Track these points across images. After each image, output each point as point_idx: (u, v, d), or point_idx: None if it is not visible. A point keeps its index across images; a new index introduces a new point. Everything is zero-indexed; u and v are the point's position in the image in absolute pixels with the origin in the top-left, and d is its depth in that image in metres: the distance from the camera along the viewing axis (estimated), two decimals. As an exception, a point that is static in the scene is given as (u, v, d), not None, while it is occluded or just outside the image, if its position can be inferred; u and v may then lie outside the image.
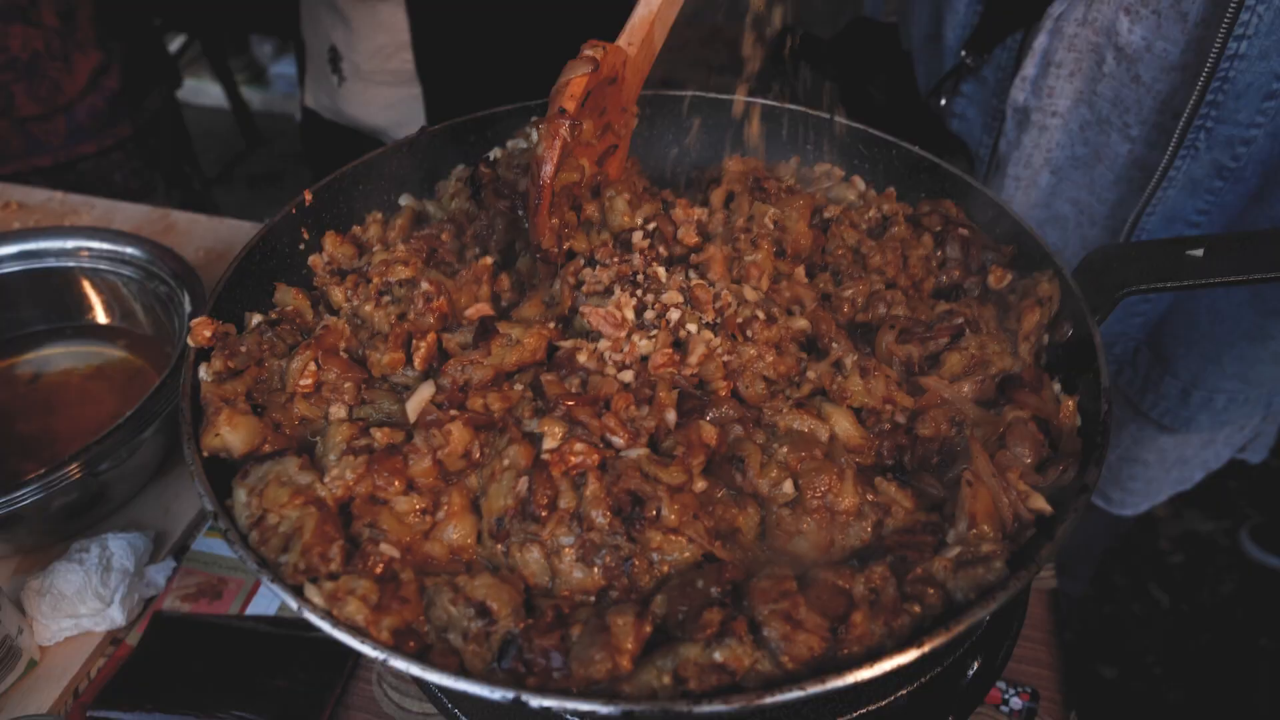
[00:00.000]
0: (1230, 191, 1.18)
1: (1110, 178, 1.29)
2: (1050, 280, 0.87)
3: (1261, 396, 1.42)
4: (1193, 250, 0.81)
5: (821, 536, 0.67)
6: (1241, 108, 1.10)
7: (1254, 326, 1.31)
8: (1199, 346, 1.37)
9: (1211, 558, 3.20)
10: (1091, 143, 1.29)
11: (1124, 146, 1.25)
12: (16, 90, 1.93)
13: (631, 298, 0.79)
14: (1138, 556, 3.21)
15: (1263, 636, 2.92)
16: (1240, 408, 1.42)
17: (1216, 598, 3.08)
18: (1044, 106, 1.31)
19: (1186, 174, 1.18)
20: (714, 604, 0.59)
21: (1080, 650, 2.91)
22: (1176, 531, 3.33)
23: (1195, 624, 2.98)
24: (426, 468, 0.68)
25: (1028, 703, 1.07)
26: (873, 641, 0.58)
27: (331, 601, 0.59)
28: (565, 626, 0.59)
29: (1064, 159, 1.33)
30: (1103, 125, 1.26)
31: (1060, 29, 1.24)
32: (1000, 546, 0.64)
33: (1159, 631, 2.97)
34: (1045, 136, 1.32)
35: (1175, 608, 3.06)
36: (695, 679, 0.56)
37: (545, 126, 0.79)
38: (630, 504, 0.64)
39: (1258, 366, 1.36)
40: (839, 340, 0.80)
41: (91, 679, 1.11)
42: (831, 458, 0.70)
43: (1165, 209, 1.22)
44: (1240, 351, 1.35)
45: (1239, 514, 3.29)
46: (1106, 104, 1.24)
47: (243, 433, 0.71)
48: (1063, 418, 0.75)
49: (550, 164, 0.78)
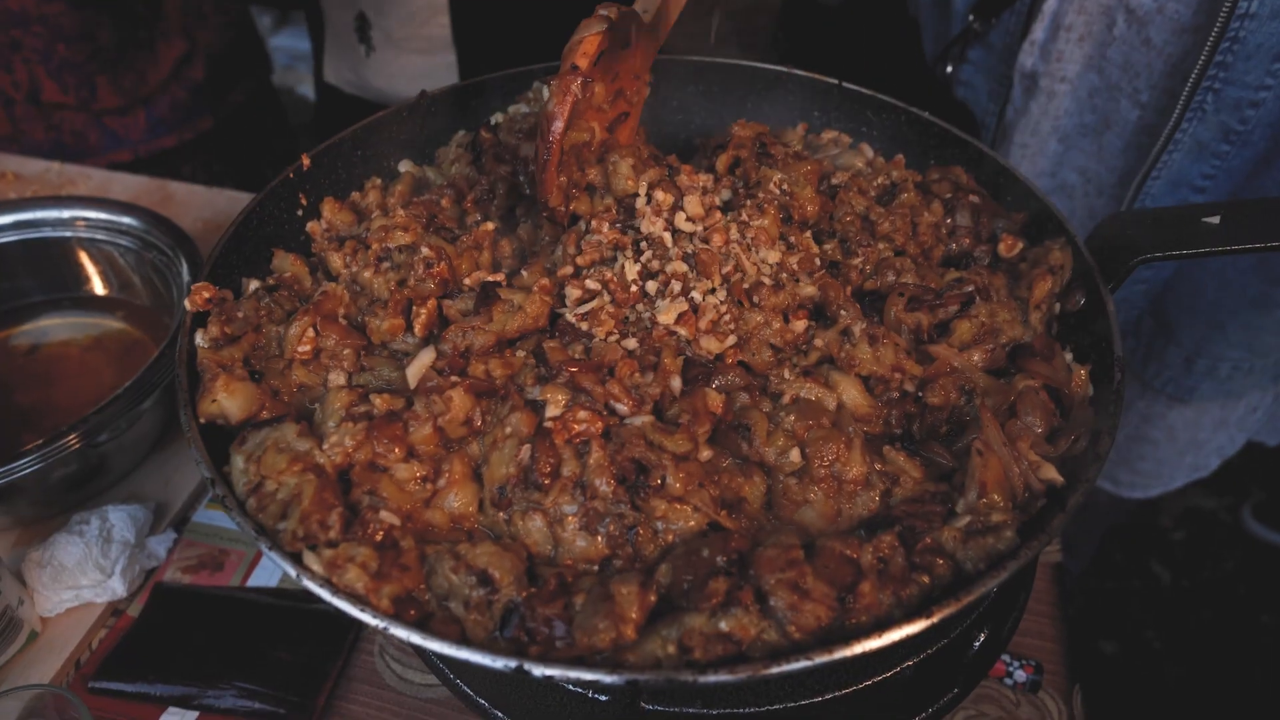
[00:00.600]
0: (1237, 156, 1.16)
1: (1119, 145, 1.27)
2: (1063, 248, 0.85)
3: (1268, 367, 1.41)
4: (1209, 218, 0.80)
5: (829, 506, 0.66)
6: (1251, 69, 1.08)
7: (1260, 294, 1.30)
8: (1203, 314, 1.35)
9: (1213, 534, 3.20)
10: (1100, 109, 1.27)
11: (1133, 113, 1.23)
12: (100, 81, 1.86)
13: (636, 264, 0.78)
14: (1140, 533, 3.22)
15: (1264, 613, 2.92)
16: (1245, 377, 1.41)
17: (1218, 574, 3.08)
18: (1052, 72, 1.28)
19: (1193, 137, 1.15)
20: (719, 573, 0.58)
21: (1082, 625, 2.93)
22: (1179, 508, 3.33)
23: (1196, 600, 2.99)
24: (427, 435, 0.66)
25: (1031, 675, 1.07)
26: (881, 611, 0.57)
27: (331, 569, 0.58)
28: (568, 595, 0.58)
29: (1072, 126, 1.30)
30: (1112, 91, 1.24)
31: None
32: (1011, 516, 0.63)
33: (1160, 607, 2.98)
34: (1054, 103, 1.30)
35: (1176, 584, 3.07)
36: (700, 648, 0.55)
37: (556, 83, 0.78)
38: (635, 472, 0.63)
39: (1263, 335, 1.34)
40: (847, 308, 0.78)
41: (93, 650, 1.11)
42: (839, 426, 0.69)
43: (1170, 173, 1.20)
44: (1245, 319, 1.33)
45: (1242, 491, 3.29)
46: (1116, 69, 1.22)
47: (240, 399, 0.70)
48: (1074, 387, 0.74)
49: (560, 120, 0.76)
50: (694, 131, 1.16)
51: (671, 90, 1.16)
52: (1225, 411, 1.55)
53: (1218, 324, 1.35)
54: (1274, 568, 3.05)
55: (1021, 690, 1.07)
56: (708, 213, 0.81)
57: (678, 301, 0.73)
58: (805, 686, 0.70)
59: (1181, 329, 1.39)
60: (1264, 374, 1.42)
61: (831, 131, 1.11)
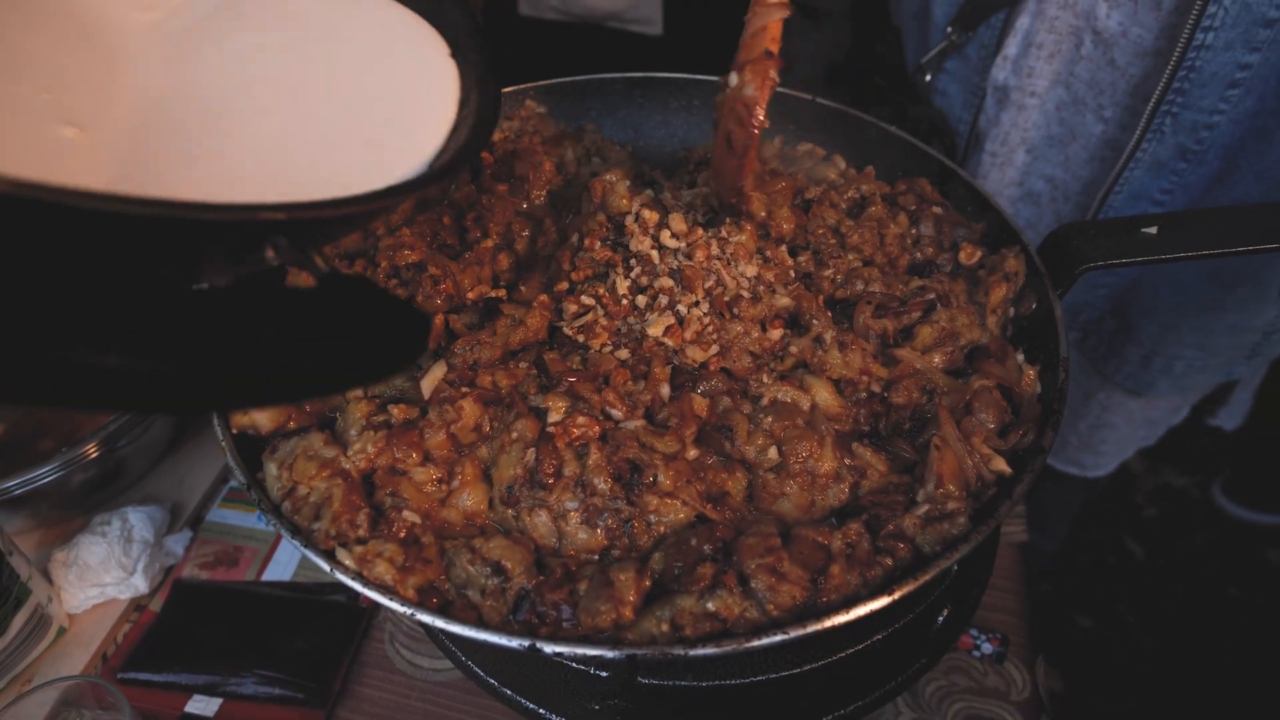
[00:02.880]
0: (1193, 173, 1.25)
1: (1084, 156, 1.35)
2: (1016, 256, 0.93)
3: (1220, 365, 1.50)
4: (1147, 228, 0.87)
5: (803, 498, 0.73)
6: (1206, 95, 1.16)
7: (1212, 300, 1.39)
8: (1160, 317, 1.44)
9: (1185, 511, 3.30)
10: (1067, 123, 1.35)
11: (1097, 127, 1.31)
12: None
13: (626, 279, 0.85)
14: (1114, 511, 3.31)
15: (1232, 586, 3.02)
16: (1198, 374, 1.50)
17: (1190, 550, 3.18)
18: (1023, 86, 1.36)
19: (1152, 155, 1.24)
20: (706, 560, 0.66)
21: (1058, 602, 3.01)
22: (1151, 486, 3.43)
23: (1169, 575, 3.09)
24: (441, 441, 0.73)
25: (997, 648, 1.15)
26: (849, 590, 0.65)
27: (362, 563, 0.65)
28: (573, 582, 0.66)
29: (1040, 138, 1.38)
30: (1078, 106, 1.32)
31: (1042, 11, 1.29)
32: (964, 504, 0.71)
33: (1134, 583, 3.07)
34: (1023, 115, 1.38)
35: (1150, 560, 3.17)
36: (690, 626, 0.62)
37: (752, 69, 0.80)
38: (629, 471, 0.71)
39: (1213, 336, 1.44)
40: (819, 317, 0.85)
41: (119, 644, 1.17)
42: (812, 425, 0.77)
43: (1132, 188, 1.28)
44: (1198, 322, 1.42)
45: (1212, 469, 3.39)
46: (1083, 85, 1.30)
47: (269, 411, 0.76)
48: (1024, 386, 0.82)
49: (762, 105, 0.79)
50: (677, 145, 1.22)
51: (655, 106, 1.23)
52: (1180, 399, 1.65)
53: (1173, 325, 1.44)
54: (1243, 543, 3.15)
55: (989, 661, 1.16)
56: (690, 229, 0.88)
57: (665, 315, 0.80)
58: (786, 659, 0.77)
59: (1140, 329, 1.48)
60: (1215, 371, 1.52)
61: (806, 144, 1.18)
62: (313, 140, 0.57)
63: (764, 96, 0.81)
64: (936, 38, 1.46)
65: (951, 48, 1.44)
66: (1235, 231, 0.86)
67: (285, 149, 0.56)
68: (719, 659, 0.74)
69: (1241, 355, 1.50)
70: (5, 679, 1.08)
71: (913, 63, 1.61)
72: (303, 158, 0.55)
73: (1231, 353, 1.49)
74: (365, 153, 0.58)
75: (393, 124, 0.61)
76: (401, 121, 0.62)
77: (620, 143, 1.18)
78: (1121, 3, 1.20)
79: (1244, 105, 1.18)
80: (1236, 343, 1.47)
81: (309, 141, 0.57)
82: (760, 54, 0.80)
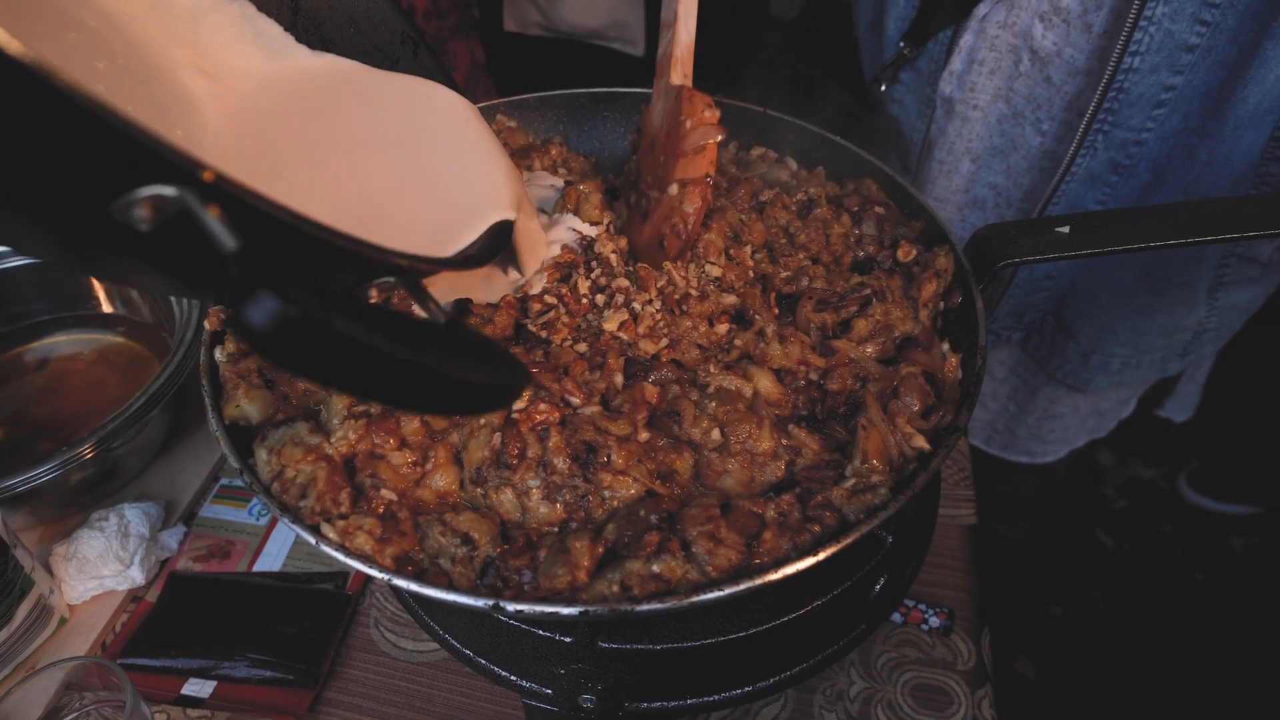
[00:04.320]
0: (1124, 185, 1.34)
1: (1024, 166, 1.45)
2: (946, 254, 1.01)
3: (1155, 362, 1.61)
4: (1060, 228, 0.96)
5: (744, 474, 0.81)
6: (1134, 114, 1.25)
7: (1144, 303, 1.49)
8: (1097, 318, 1.54)
9: (1153, 502, 3.40)
10: (1008, 134, 1.44)
11: (1036, 139, 1.40)
12: None
13: (587, 279, 0.93)
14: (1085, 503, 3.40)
15: (1198, 572, 3.12)
16: (1134, 371, 1.61)
17: (1157, 538, 3.28)
18: (967, 99, 1.45)
19: (1086, 169, 1.33)
20: (653, 529, 0.73)
21: (1030, 590, 3.10)
22: (1121, 479, 3.53)
23: (1137, 563, 3.18)
24: (416, 428, 0.81)
25: (944, 621, 1.23)
26: (780, 554, 0.73)
27: (344, 536, 0.73)
28: (534, 550, 0.73)
29: (983, 148, 1.47)
30: (1018, 119, 1.41)
31: (984, 29, 1.38)
32: (887, 477, 0.79)
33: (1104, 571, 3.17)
34: (967, 127, 1.47)
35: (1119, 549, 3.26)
36: (638, 586, 0.70)
37: (694, 189, 0.91)
38: (586, 452, 0.78)
39: (1146, 336, 1.54)
40: (761, 312, 0.94)
41: (116, 632, 1.24)
42: (754, 410, 0.85)
43: (1068, 199, 1.37)
44: (1132, 323, 1.52)
45: (1178, 461, 3.49)
46: (1022, 100, 1.39)
47: (259, 403, 0.84)
48: (947, 372, 0.90)
49: (699, 223, 0.92)
50: (639, 156, 1.31)
51: (619, 119, 1.31)
52: (1125, 393, 1.75)
53: (1109, 327, 1.54)
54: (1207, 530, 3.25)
55: (936, 634, 1.24)
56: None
57: (620, 311, 0.88)
58: (732, 623, 0.85)
59: (1079, 330, 1.58)
60: (1151, 368, 1.62)
61: (759, 148, 1.26)
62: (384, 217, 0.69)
63: (701, 214, 0.92)
64: (890, 50, 1.55)
65: (904, 60, 1.53)
66: (1137, 231, 0.94)
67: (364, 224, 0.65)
68: (668, 619, 0.81)
69: (1175, 353, 1.61)
70: (9, 666, 1.15)
71: (869, 73, 1.70)
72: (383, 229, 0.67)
73: (1165, 351, 1.59)
74: (423, 231, 0.74)
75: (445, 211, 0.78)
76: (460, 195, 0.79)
77: (585, 154, 1.26)
78: (1056, 24, 1.29)
79: (1169, 123, 1.27)
80: (1169, 342, 1.57)
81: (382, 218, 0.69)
82: (701, 176, 0.90)
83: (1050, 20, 1.29)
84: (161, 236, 0.45)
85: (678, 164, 0.91)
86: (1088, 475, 3.46)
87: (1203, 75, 1.21)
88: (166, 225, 0.45)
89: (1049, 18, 1.29)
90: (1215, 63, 1.20)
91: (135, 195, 0.44)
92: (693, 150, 0.89)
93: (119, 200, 0.44)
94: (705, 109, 0.89)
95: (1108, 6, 1.22)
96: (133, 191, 0.44)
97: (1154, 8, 1.15)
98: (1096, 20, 1.24)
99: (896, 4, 1.49)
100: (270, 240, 0.48)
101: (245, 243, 0.44)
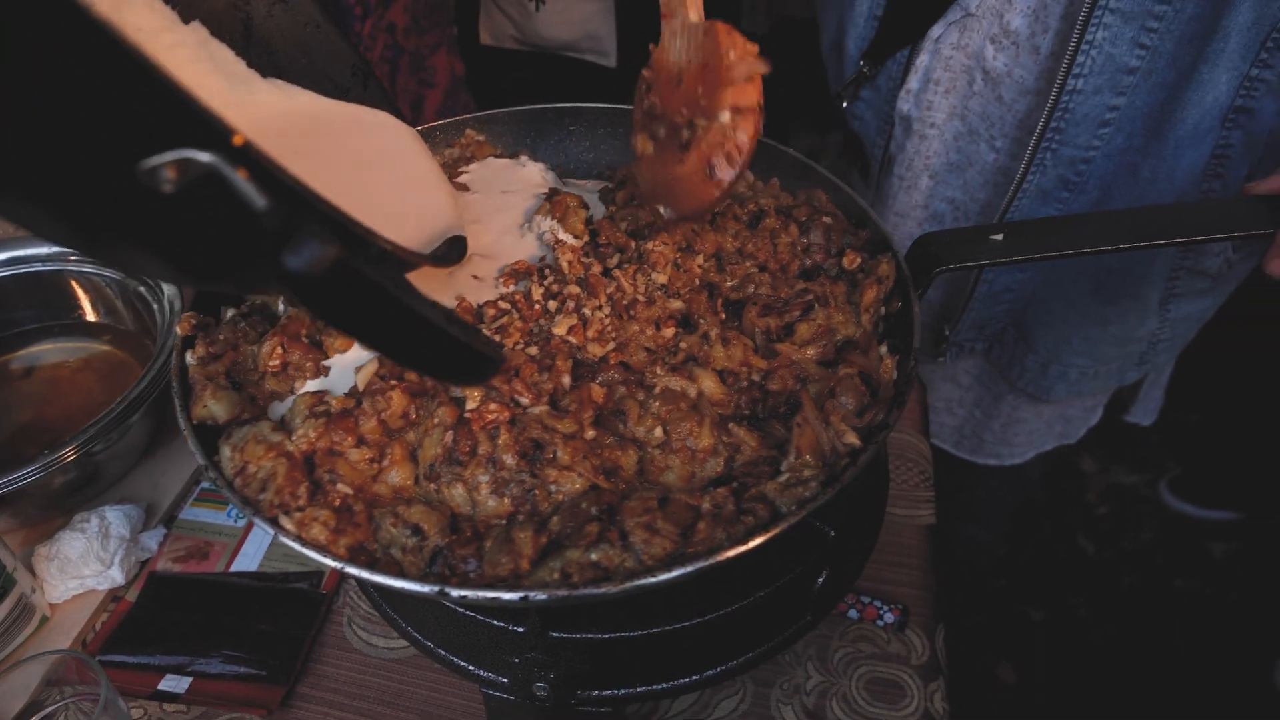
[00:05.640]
0: (1074, 201, 1.39)
1: (980, 181, 1.50)
2: (888, 262, 1.06)
3: (1112, 371, 1.66)
4: (994, 235, 1.01)
5: (685, 470, 0.86)
6: (1081, 133, 1.31)
7: (1097, 314, 1.54)
8: (1054, 329, 1.59)
9: (1134, 508, 3.44)
10: (964, 151, 1.49)
11: (990, 155, 1.45)
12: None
13: (540, 286, 0.97)
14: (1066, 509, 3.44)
15: (1178, 578, 3.16)
16: (1092, 380, 1.66)
17: (1138, 544, 3.31)
18: (924, 118, 1.50)
19: (1037, 186, 1.38)
20: (593, 520, 0.78)
21: (1011, 595, 3.14)
22: (1103, 485, 3.56)
23: (1118, 569, 3.22)
24: (373, 426, 0.85)
25: (899, 617, 1.27)
26: (714, 543, 0.77)
27: (300, 527, 0.77)
28: (480, 541, 0.78)
29: (940, 165, 1.53)
30: (973, 136, 1.46)
31: (939, 50, 1.43)
32: (819, 471, 0.83)
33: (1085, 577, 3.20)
34: (925, 144, 1.52)
35: (1100, 555, 3.30)
36: (577, 573, 0.74)
37: (746, 117, 0.89)
38: (533, 449, 0.83)
39: (1101, 346, 1.59)
40: (706, 317, 0.98)
41: (96, 631, 1.28)
42: (697, 409, 0.89)
43: (1021, 214, 1.43)
44: (1086, 333, 1.57)
45: (1160, 467, 3.53)
46: (976, 118, 1.44)
47: (225, 404, 0.88)
48: (883, 373, 0.95)
49: (749, 155, 0.91)
50: (602, 167, 1.36)
51: (583, 133, 1.36)
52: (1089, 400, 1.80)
53: (1066, 337, 1.60)
54: (1187, 536, 3.28)
55: (891, 630, 1.28)
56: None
57: (570, 316, 0.93)
58: (678, 613, 0.89)
59: (1038, 340, 1.63)
60: (1108, 377, 1.67)
61: None
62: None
63: (754, 142, 0.91)
64: (850, 68, 1.60)
65: (864, 78, 1.58)
66: (1068, 238, 0.99)
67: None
68: (614, 608, 0.86)
69: (1131, 363, 1.66)
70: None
71: (833, 88, 1.76)
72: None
73: (1121, 360, 1.64)
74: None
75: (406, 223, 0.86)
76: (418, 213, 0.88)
77: (550, 166, 1.31)
78: (1006, 46, 1.34)
79: (1115, 142, 1.33)
80: (1124, 351, 1.62)
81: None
82: (755, 105, 0.89)
83: (1000, 42, 1.34)
84: (185, 199, 0.46)
85: (727, 93, 0.89)
86: (1070, 481, 3.50)
87: (1144, 96, 1.27)
88: (190, 188, 0.44)
89: (999, 40, 1.34)
90: (1155, 84, 1.25)
91: (169, 156, 0.43)
92: (744, 78, 0.88)
93: (148, 160, 0.43)
94: (745, 41, 0.89)
95: (1053, 30, 1.28)
96: (166, 151, 0.43)
97: (1095, 32, 1.20)
98: (1043, 43, 1.30)
99: (856, 24, 1.54)
100: (289, 203, 0.49)
101: (275, 199, 0.46)
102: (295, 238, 0.45)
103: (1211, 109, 1.26)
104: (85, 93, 0.41)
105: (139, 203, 0.47)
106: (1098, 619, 3.05)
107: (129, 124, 0.43)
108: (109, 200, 0.50)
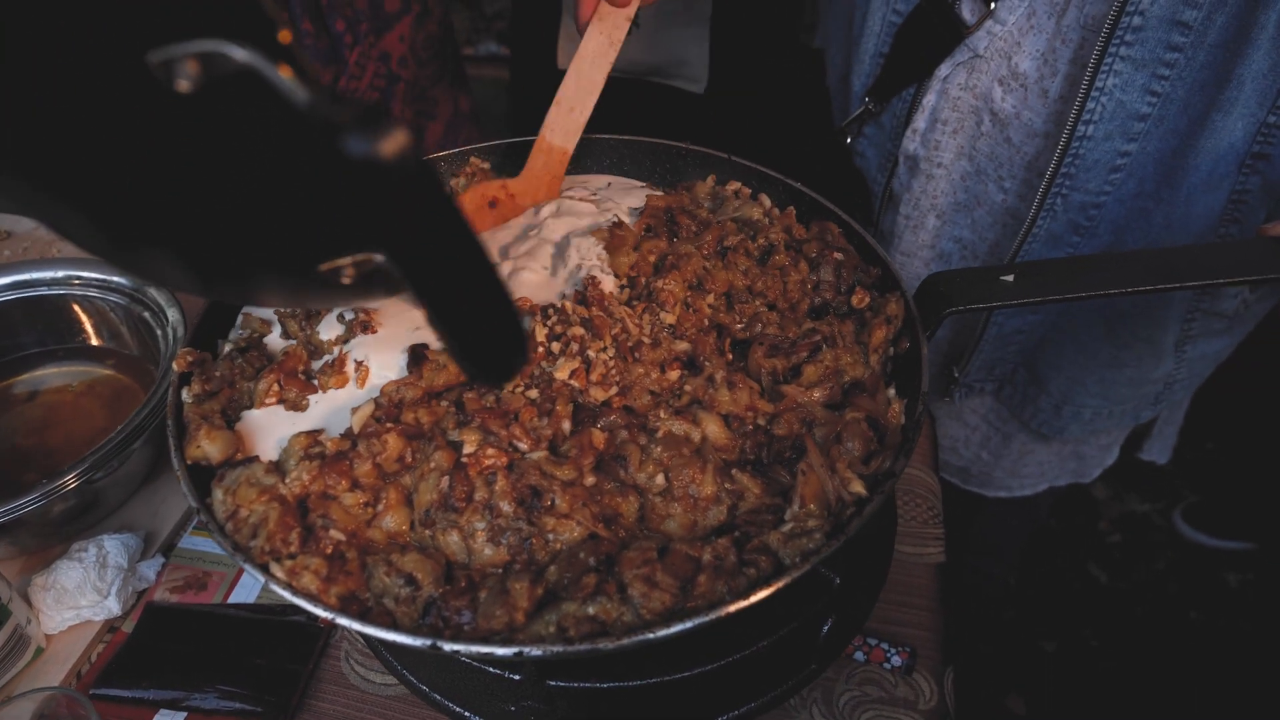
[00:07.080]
0: (1085, 245, 1.37)
1: (989, 221, 1.48)
2: (897, 301, 1.04)
3: (1127, 411, 1.64)
4: (1005, 276, 0.99)
5: (687, 518, 0.84)
6: (1091, 179, 1.29)
7: (1111, 357, 1.52)
8: (1066, 371, 1.57)
9: (1147, 537, 3.39)
10: (971, 190, 1.47)
11: (999, 196, 1.44)
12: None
13: (544, 327, 0.96)
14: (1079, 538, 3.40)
15: (1192, 609, 3.10)
16: (1106, 420, 1.63)
17: (1151, 574, 3.27)
18: (931, 157, 1.48)
19: (1048, 230, 1.36)
20: (591, 571, 0.76)
21: (1022, 626, 3.09)
22: (1116, 513, 3.52)
23: (1130, 599, 3.17)
24: (368, 470, 0.84)
25: (906, 660, 1.24)
26: (714, 597, 0.75)
27: (291, 575, 0.75)
28: (475, 591, 0.76)
29: (948, 204, 1.51)
30: (981, 176, 1.44)
31: (946, 90, 1.42)
32: (824, 521, 0.81)
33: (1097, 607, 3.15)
34: (932, 184, 1.50)
35: (1112, 585, 3.25)
36: (573, 628, 0.72)
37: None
38: (531, 495, 0.81)
39: (1116, 387, 1.56)
40: (712, 359, 0.96)
41: (92, 662, 1.26)
42: (701, 455, 0.87)
43: (1031, 259, 1.40)
44: (1100, 375, 1.55)
45: (1175, 495, 3.49)
46: (984, 159, 1.42)
47: (219, 444, 0.87)
48: (890, 418, 0.93)
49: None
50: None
51: (592, 162, 1.35)
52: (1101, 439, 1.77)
53: (1079, 379, 1.57)
54: (1201, 567, 3.23)
55: (898, 673, 1.25)
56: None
57: (572, 360, 0.91)
58: (679, 662, 0.87)
59: (1050, 381, 1.60)
60: (1123, 416, 1.64)
61: (735, 183, 1.30)
62: None
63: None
64: (855, 105, 1.59)
65: (868, 115, 1.57)
66: (1078, 280, 0.97)
67: None
68: (613, 658, 0.83)
69: (1147, 403, 1.63)
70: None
71: (837, 124, 1.74)
72: None
73: (1136, 401, 1.61)
74: None
75: None
76: None
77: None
78: (1014, 88, 1.33)
79: (1126, 188, 1.31)
80: (1140, 393, 1.60)
81: None
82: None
83: (1009, 84, 1.33)
84: (209, 96, 0.39)
85: None
86: (1082, 510, 3.46)
87: (1156, 143, 1.25)
88: (215, 85, 0.38)
89: (1007, 82, 1.33)
90: (1168, 131, 1.23)
91: (192, 47, 0.37)
92: None
93: (159, 51, 0.37)
94: None
95: (1062, 73, 1.26)
96: (194, 41, 0.37)
97: (1106, 78, 1.18)
98: (1052, 86, 1.28)
99: (862, 61, 1.53)
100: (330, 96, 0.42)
101: (315, 93, 0.39)
102: (375, 120, 0.38)
103: (1227, 155, 1.24)
104: None
105: (165, 128, 0.39)
106: (1110, 650, 3.00)
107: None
108: (133, 127, 0.41)
